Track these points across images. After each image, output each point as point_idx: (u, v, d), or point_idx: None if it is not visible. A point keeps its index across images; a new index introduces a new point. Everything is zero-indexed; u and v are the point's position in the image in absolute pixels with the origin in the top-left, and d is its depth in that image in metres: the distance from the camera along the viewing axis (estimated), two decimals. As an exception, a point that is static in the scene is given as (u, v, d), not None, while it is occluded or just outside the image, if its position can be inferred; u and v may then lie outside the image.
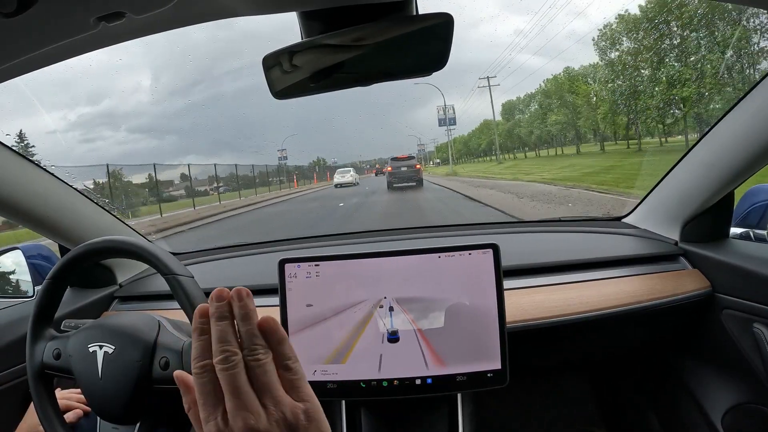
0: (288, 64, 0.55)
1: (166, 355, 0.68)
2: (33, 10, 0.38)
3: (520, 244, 1.18)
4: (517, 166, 20.27)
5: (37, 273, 1.07)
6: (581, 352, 1.09)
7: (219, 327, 0.34)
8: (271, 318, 0.35)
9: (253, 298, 0.36)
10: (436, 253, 0.75)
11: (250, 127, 37.59)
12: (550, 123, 21.66)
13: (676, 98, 13.58)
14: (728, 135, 0.83)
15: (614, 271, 0.97)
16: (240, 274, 1.23)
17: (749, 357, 0.86)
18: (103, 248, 0.71)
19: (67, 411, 0.81)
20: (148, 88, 32.83)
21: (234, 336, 0.34)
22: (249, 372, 0.33)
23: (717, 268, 0.91)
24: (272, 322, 0.35)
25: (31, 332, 0.72)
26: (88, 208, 1.07)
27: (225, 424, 0.32)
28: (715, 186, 0.89)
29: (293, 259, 0.76)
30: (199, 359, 0.34)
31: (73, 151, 23.83)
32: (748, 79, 12.70)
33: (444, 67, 0.57)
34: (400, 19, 0.52)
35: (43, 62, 0.54)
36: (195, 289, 0.67)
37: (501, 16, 44.14)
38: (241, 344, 0.34)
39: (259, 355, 0.33)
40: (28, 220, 0.94)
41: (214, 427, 0.32)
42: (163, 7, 0.43)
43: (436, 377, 0.73)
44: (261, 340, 0.34)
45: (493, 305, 0.73)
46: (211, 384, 0.33)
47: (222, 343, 0.33)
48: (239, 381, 0.32)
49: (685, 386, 1.01)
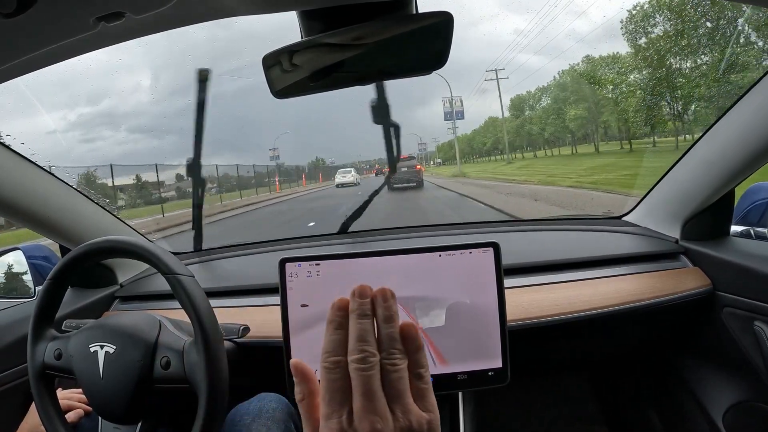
0: (288, 64, 0.55)
1: (167, 355, 0.68)
2: (32, 11, 0.38)
3: (521, 243, 1.18)
4: (531, 166, 18.14)
5: (37, 273, 1.07)
6: (582, 351, 1.09)
7: (360, 325, 0.33)
8: (411, 324, 0.34)
9: (397, 300, 0.35)
10: (436, 252, 0.75)
11: (250, 125, 37.50)
12: (569, 118, 18.75)
13: (733, 86, 10.09)
14: (729, 133, 0.83)
15: (615, 270, 0.97)
16: (240, 274, 1.23)
17: (750, 355, 0.86)
18: (104, 248, 0.71)
19: (68, 411, 0.81)
20: (148, 87, 32.79)
21: (373, 336, 0.33)
22: (383, 375, 0.32)
23: (718, 266, 0.91)
24: (413, 329, 0.34)
25: (32, 332, 0.72)
26: (88, 208, 1.07)
27: (349, 424, 0.31)
28: (716, 184, 0.89)
29: (294, 258, 0.76)
30: (331, 354, 0.33)
31: (73, 151, 23.79)
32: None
33: (444, 66, 0.57)
34: (400, 17, 0.52)
35: (42, 62, 0.54)
36: (195, 289, 0.67)
37: (501, 15, 43.94)
38: (379, 346, 0.33)
39: (396, 360, 0.32)
40: (28, 220, 0.94)
41: (337, 425, 0.31)
42: (163, 7, 0.43)
43: (437, 376, 0.73)
44: (400, 344, 0.33)
45: (493, 304, 0.73)
46: (342, 381, 0.32)
47: (362, 342, 0.32)
48: (373, 383, 0.31)
49: (686, 384, 1.01)
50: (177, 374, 0.66)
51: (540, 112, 21.82)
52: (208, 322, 0.65)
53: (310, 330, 0.76)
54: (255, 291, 1.05)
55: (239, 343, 0.86)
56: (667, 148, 13.18)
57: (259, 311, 0.97)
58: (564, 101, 19.52)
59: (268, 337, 0.88)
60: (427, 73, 0.59)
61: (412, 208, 8.48)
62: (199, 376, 0.64)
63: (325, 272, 0.76)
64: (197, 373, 0.64)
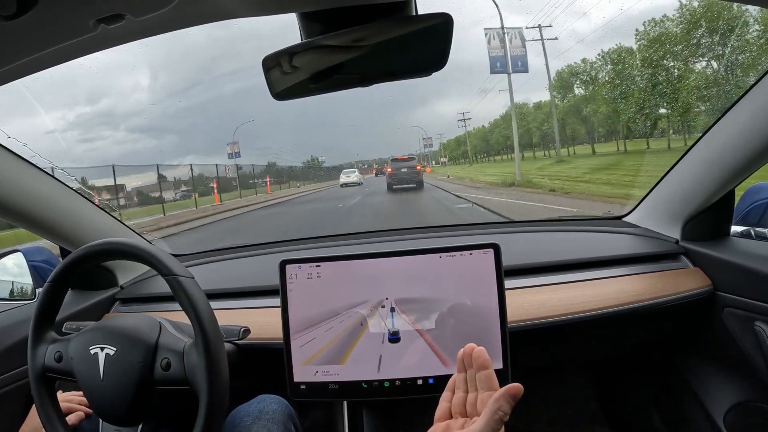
0: (288, 66, 0.55)
1: (167, 356, 0.68)
2: (33, 13, 0.38)
3: (521, 244, 1.18)
4: (616, 167, 11.71)
5: (38, 275, 1.07)
6: (582, 352, 1.09)
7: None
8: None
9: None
10: (437, 254, 0.75)
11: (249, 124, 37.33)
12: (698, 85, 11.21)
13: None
14: (729, 133, 0.83)
15: (615, 270, 0.97)
16: (241, 276, 1.23)
17: (751, 355, 0.86)
18: (104, 250, 0.71)
19: (69, 413, 0.81)
20: (147, 87, 32.78)
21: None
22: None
23: (718, 267, 0.91)
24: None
25: (33, 335, 0.72)
26: (88, 210, 1.07)
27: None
28: (716, 184, 0.89)
29: (294, 260, 0.77)
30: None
31: (72, 151, 23.76)
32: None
33: (444, 67, 0.57)
34: (400, 19, 0.52)
35: (43, 65, 0.54)
36: (195, 290, 0.67)
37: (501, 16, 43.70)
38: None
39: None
40: (28, 222, 0.95)
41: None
42: (163, 9, 0.43)
43: (437, 377, 0.73)
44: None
45: (494, 305, 0.73)
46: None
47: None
48: None
49: (687, 385, 1.01)
50: (177, 376, 0.66)
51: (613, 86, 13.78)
52: (208, 324, 0.65)
53: (310, 331, 0.76)
54: (255, 293, 1.05)
55: (239, 345, 0.86)
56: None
57: (260, 313, 0.97)
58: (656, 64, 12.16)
59: (268, 339, 0.88)
60: (427, 75, 0.59)
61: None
62: (199, 377, 0.64)
63: (325, 274, 0.76)
64: (197, 375, 0.64)
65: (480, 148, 25.50)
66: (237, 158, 17.01)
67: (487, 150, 25.09)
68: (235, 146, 16.92)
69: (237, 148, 17.00)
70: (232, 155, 16.77)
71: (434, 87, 23.66)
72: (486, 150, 25.13)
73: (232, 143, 16.83)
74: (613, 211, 1.43)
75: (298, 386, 0.75)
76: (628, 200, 6.89)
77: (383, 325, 0.74)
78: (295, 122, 38.92)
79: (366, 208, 9.42)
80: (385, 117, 45.56)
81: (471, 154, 23.97)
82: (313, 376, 0.74)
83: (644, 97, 12.63)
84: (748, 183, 0.93)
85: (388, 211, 8.72)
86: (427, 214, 7.96)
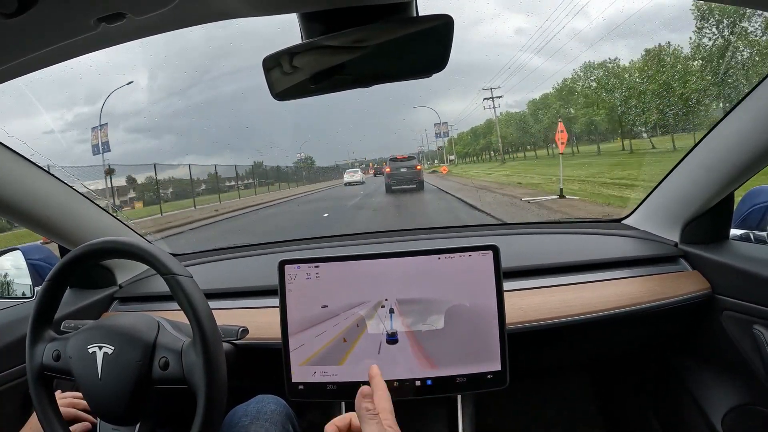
0: (288, 66, 0.55)
1: (165, 356, 0.68)
2: (33, 11, 0.38)
3: (520, 246, 1.18)
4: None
5: (36, 274, 1.07)
6: (581, 354, 1.09)
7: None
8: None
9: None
10: (436, 255, 0.75)
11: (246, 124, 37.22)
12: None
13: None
14: (728, 136, 0.83)
15: (614, 273, 0.97)
16: (240, 275, 1.23)
17: (749, 358, 0.86)
18: (103, 249, 0.71)
19: (71, 418, 0.81)
20: (146, 87, 32.73)
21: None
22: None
23: (717, 270, 0.91)
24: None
25: (31, 333, 0.72)
26: (87, 209, 1.07)
27: None
28: (716, 187, 0.89)
29: (293, 260, 0.76)
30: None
31: (71, 151, 23.70)
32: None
33: (444, 69, 0.57)
34: (401, 20, 0.52)
35: (43, 63, 0.54)
36: (194, 290, 0.67)
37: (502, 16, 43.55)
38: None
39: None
40: (28, 221, 0.94)
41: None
42: (164, 9, 0.43)
43: (435, 378, 0.73)
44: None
45: (493, 306, 0.73)
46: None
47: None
48: None
49: (685, 388, 1.01)
50: (175, 375, 0.66)
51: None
52: (206, 323, 0.65)
53: (308, 332, 0.75)
54: (254, 293, 1.05)
55: (238, 345, 0.86)
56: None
57: (258, 313, 0.97)
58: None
59: (266, 339, 0.88)
60: (427, 76, 0.59)
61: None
62: (197, 376, 0.64)
63: (324, 274, 0.76)
64: (196, 374, 0.64)
65: (512, 140, 17.74)
66: (106, 152, 10.91)
67: (521, 142, 17.66)
68: (103, 132, 9.96)
69: (105, 137, 10.35)
70: (97, 148, 10.49)
71: (433, 83, 22.88)
72: (521, 142, 17.72)
73: (97, 128, 10.16)
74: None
75: (296, 386, 0.75)
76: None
77: (382, 327, 0.74)
78: (287, 118, 38.61)
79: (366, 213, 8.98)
80: (387, 117, 45.18)
81: (459, 157, 18.63)
82: (311, 376, 0.74)
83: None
84: (748, 186, 0.93)
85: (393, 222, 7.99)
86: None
